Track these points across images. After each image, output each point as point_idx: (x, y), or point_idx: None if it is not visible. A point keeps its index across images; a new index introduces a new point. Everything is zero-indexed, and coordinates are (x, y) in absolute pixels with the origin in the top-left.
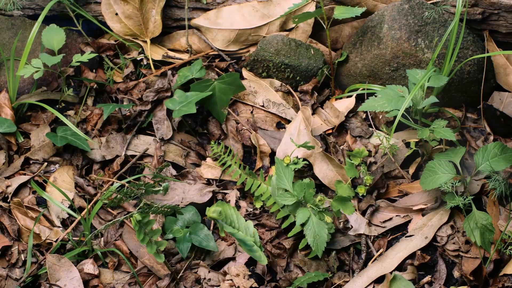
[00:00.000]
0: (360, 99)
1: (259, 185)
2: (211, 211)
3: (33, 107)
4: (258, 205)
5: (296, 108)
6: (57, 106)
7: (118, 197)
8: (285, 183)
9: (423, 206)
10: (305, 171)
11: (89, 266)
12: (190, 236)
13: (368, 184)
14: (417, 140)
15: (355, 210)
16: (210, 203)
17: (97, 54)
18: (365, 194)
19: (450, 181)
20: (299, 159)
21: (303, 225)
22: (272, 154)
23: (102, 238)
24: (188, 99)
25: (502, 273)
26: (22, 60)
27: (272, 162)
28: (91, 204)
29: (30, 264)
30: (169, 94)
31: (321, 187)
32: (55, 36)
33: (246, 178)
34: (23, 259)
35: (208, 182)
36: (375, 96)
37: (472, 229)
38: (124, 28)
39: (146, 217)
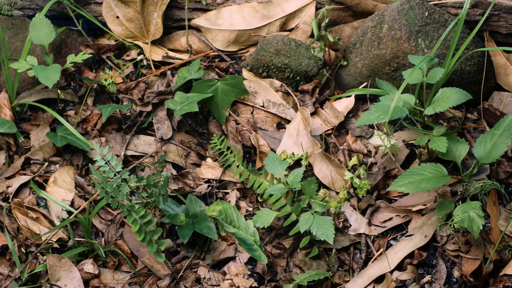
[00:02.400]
0: (360, 99)
1: (261, 183)
2: (211, 210)
3: (34, 107)
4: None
5: (296, 109)
6: (56, 107)
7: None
8: (276, 172)
9: (422, 207)
10: (304, 171)
11: (89, 266)
12: (193, 225)
13: (366, 189)
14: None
15: (355, 210)
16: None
17: (91, 56)
18: (364, 195)
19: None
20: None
21: (308, 230)
22: None
23: (103, 238)
24: (189, 99)
25: (502, 273)
26: (21, 59)
27: None
28: (88, 202)
29: (20, 263)
30: (169, 94)
31: (321, 188)
32: (44, 28)
33: (249, 175)
34: (24, 258)
35: (208, 182)
36: (369, 110)
37: (461, 214)
38: (125, 31)
39: (146, 217)
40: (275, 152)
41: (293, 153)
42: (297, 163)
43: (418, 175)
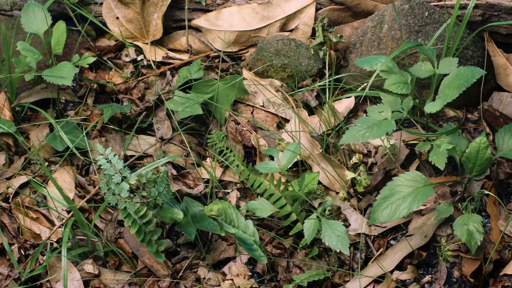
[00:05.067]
0: (360, 99)
1: (261, 183)
2: (210, 209)
3: (33, 106)
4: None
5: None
6: (56, 108)
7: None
8: (273, 154)
9: (422, 207)
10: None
11: (89, 266)
12: (194, 223)
13: (365, 185)
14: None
15: (355, 210)
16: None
17: (95, 59)
18: (364, 193)
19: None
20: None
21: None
22: None
23: (103, 238)
24: (190, 100)
25: (502, 273)
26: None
27: None
28: (84, 200)
29: (19, 263)
30: (169, 94)
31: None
32: (38, 16)
33: (249, 174)
34: (24, 258)
35: (208, 183)
36: (355, 126)
37: (460, 227)
38: (125, 31)
39: (146, 216)
40: None
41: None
42: (296, 165)
43: (396, 193)
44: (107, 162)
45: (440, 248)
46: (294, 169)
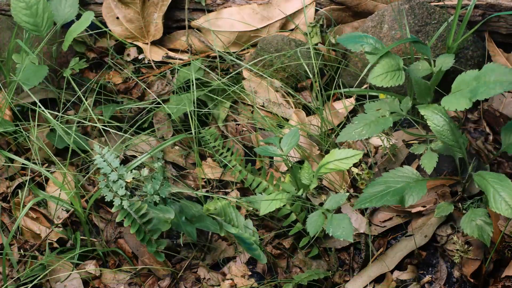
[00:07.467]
0: (360, 99)
1: (260, 183)
2: (208, 208)
3: (33, 105)
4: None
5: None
6: (56, 108)
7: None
8: (271, 141)
9: (421, 208)
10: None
11: (89, 266)
12: (194, 223)
13: (368, 180)
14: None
15: (355, 209)
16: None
17: (88, 65)
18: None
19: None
20: None
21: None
22: None
23: (103, 237)
24: (184, 100)
25: (504, 275)
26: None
27: (272, 163)
28: (83, 200)
29: (17, 263)
30: (168, 95)
31: (320, 188)
32: (68, 4)
33: (247, 174)
34: (24, 258)
35: (208, 182)
36: (352, 122)
37: (469, 224)
38: (125, 31)
39: (145, 216)
40: None
41: None
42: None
43: (386, 188)
44: (104, 161)
45: (443, 248)
46: None
